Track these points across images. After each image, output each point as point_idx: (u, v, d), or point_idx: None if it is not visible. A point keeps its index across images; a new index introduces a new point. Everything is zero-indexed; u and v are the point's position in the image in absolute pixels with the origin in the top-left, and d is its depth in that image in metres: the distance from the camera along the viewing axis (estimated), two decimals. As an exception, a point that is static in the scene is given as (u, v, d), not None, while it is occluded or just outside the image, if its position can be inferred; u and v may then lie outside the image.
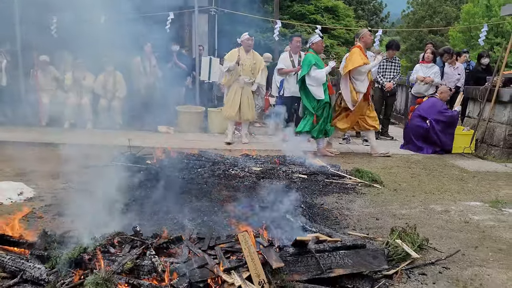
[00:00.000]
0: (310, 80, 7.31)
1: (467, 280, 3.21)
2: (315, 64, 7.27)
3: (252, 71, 8.21)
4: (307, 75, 7.31)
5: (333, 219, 4.41)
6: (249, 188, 5.27)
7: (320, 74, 7.23)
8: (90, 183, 5.25)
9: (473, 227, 4.35)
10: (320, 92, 7.30)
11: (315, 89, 7.31)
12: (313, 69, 7.26)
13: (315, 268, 3.02)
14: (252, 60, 8.19)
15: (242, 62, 8.05)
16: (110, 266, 2.90)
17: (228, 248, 3.09)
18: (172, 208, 4.25)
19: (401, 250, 3.44)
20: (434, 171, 6.72)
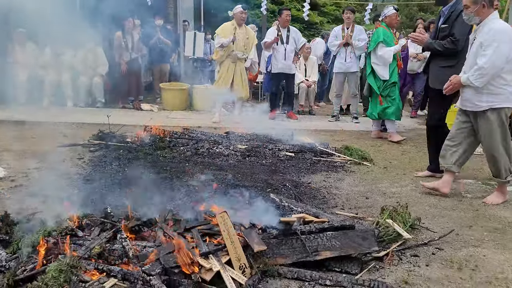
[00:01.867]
0: (375, 58, 6.77)
1: (462, 261, 3.02)
2: (384, 41, 6.66)
3: (245, 46, 7.82)
4: (373, 52, 6.78)
5: (320, 198, 4.20)
6: (233, 166, 5.03)
7: (387, 54, 6.63)
8: (65, 162, 5.00)
9: (466, 205, 4.17)
10: (385, 72, 6.74)
11: (380, 69, 6.76)
12: (380, 47, 6.69)
13: (300, 251, 2.82)
14: (244, 34, 7.79)
15: (235, 38, 7.65)
16: (77, 251, 2.66)
17: (206, 230, 2.85)
18: (150, 188, 4.00)
19: (392, 231, 3.24)
20: (424, 149, 6.48)
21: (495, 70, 3.88)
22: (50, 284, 2.38)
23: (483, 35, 3.96)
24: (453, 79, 4.19)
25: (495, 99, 4.02)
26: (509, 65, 3.95)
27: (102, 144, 5.73)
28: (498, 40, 3.86)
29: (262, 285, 2.64)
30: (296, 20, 15.12)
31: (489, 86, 3.99)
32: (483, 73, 3.91)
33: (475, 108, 4.11)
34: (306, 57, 9.62)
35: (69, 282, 2.43)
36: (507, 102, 4.04)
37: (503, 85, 3.99)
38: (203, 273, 2.53)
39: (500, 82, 3.98)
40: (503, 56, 3.86)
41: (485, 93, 4.02)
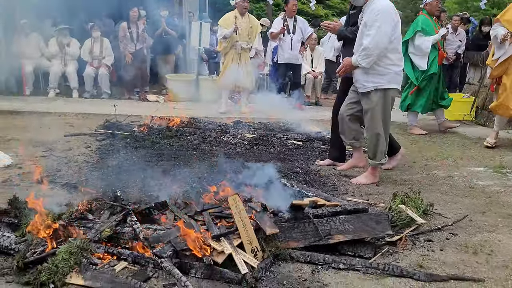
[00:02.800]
0: (412, 48, 6.43)
1: (476, 246, 2.96)
2: (422, 30, 6.31)
3: (248, 35, 7.72)
4: (410, 41, 6.42)
5: (330, 186, 4.15)
6: (241, 154, 4.99)
7: (425, 44, 6.27)
8: (72, 150, 4.98)
9: (478, 192, 4.11)
10: (422, 62, 6.39)
11: (417, 59, 6.42)
12: (417, 36, 6.33)
13: (313, 234, 2.77)
14: (248, 24, 7.69)
15: (238, 26, 7.56)
16: (87, 233, 2.63)
17: (217, 213, 2.81)
18: (159, 174, 3.97)
19: (405, 216, 3.19)
20: (434, 138, 6.47)
21: (379, 50, 3.84)
22: (60, 266, 2.35)
23: (367, 15, 3.92)
24: (345, 61, 4.17)
25: (380, 80, 3.99)
26: (393, 45, 3.92)
27: (109, 133, 5.70)
28: (380, 20, 3.81)
29: (274, 268, 2.60)
30: (301, 13, 14.99)
31: (375, 67, 3.95)
32: (368, 53, 3.86)
33: (363, 89, 4.08)
34: (313, 48, 9.54)
35: (79, 264, 2.41)
36: (392, 83, 4.02)
37: (389, 65, 3.96)
38: (214, 255, 2.49)
39: (386, 62, 3.95)
40: (386, 35, 3.82)
41: (372, 73, 3.98)
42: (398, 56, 4.01)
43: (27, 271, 2.41)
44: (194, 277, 2.46)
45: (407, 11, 34.05)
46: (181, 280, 2.32)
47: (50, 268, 2.34)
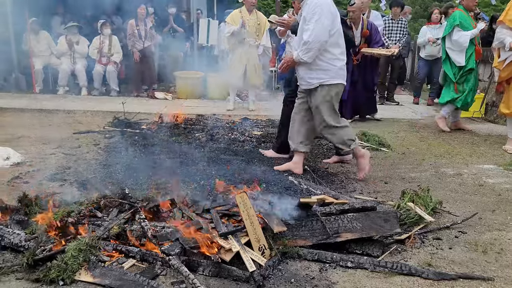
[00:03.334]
0: (450, 43, 6.30)
1: (486, 244, 2.94)
2: (460, 25, 6.18)
3: (256, 32, 7.68)
4: (448, 37, 6.32)
5: (338, 183, 4.13)
6: (249, 152, 4.98)
7: (463, 38, 6.14)
8: (81, 148, 5.01)
9: (488, 190, 4.07)
10: (460, 58, 6.26)
11: (454, 54, 6.29)
12: (455, 31, 6.21)
13: (320, 232, 2.77)
14: (255, 20, 7.65)
15: (245, 23, 7.52)
16: (95, 231, 2.65)
17: (225, 211, 2.82)
18: (167, 172, 3.98)
19: (414, 214, 3.17)
20: (443, 135, 6.41)
21: (319, 43, 3.80)
22: (69, 263, 2.37)
23: (305, 10, 3.88)
24: (286, 57, 4.14)
25: (324, 75, 3.95)
26: (334, 38, 3.88)
27: (118, 131, 5.72)
28: (318, 13, 3.76)
29: (282, 266, 2.60)
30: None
31: (318, 62, 3.91)
32: (309, 48, 3.81)
33: (308, 85, 4.04)
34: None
35: (88, 261, 2.42)
36: (336, 78, 3.98)
37: (331, 60, 3.93)
38: (222, 253, 2.50)
39: (328, 56, 3.92)
40: (325, 28, 3.77)
41: (315, 69, 3.94)
42: (340, 50, 3.96)
43: (37, 268, 2.43)
44: (202, 274, 2.48)
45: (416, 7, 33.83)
46: (189, 277, 2.33)
47: (60, 265, 2.36)
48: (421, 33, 8.98)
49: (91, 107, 7.60)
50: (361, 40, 6.76)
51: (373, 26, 6.87)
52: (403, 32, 8.82)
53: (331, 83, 3.96)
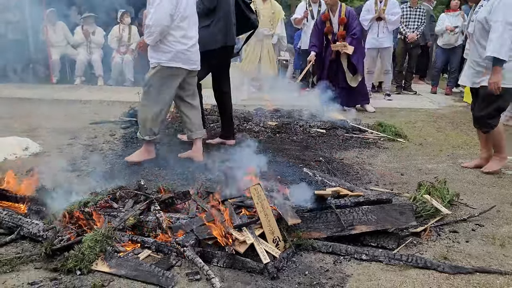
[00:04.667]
0: None
1: (504, 237, 2.90)
2: None
3: (271, 22, 7.60)
4: None
5: (354, 174, 4.11)
6: (264, 143, 4.98)
7: None
8: (97, 138, 5.06)
9: (507, 182, 4.00)
10: None
11: None
12: None
13: (335, 225, 2.76)
14: (270, 10, 7.57)
15: (259, 12, 7.45)
16: (111, 222, 2.68)
17: (239, 203, 2.82)
18: (181, 164, 4.00)
19: (430, 206, 3.14)
20: (461, 125, 6.32)
21: (160, 27, 3.77)
22: (86, 253, 2.41)
23: None
24: (139, 41, 4.19)
25: (162, 57, 3.92)
26: (176, 22, 3.83)
27: (134, 121, 5.76)
28: None
29: (296, 258, 2.60)
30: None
31: (160, 44, 3.88)
32: (151, 31, 3.80)
33: (151, 64, 4.03)
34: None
35: (105, 252, 2.46)
36: (174, 61, 3.93)
37: (171, 42, 3.89)
38: (236, 245, 2.50)
39: (169, 39, 3.89)
40: (166, 13, 3.73)
41: (157, 50, 3.92)
42: (181, 33, 3.92)
43: (55, 258, 2.48)
44: (216, 266, 2.49)
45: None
46: (204, 268, 2.35)
47: (77, 256, 2.40)
48: (439, 21, 8.79)
49: (108, 97, 7.66)
50: (339, 27, 6.75)
51: (351, 14, 6.82)
52: (421, 21, 8.64)
53: (167, 66, 3.96)
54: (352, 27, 6.72)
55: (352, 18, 6.75)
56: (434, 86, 9.23)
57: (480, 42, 3.95)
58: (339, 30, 6.73)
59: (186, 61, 3.99)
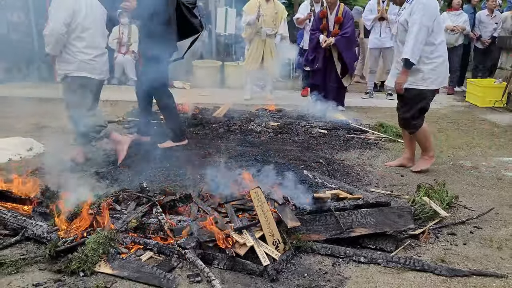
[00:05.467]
0: None
1: (502, 240, 2.93)
2: None
3: (274, 21, 7.64)
4: None
5: (354, 176, 4.14)
6: (265, 143, 5.02)
7: None
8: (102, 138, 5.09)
9: (506, 184, 4.03)
10: None
11: None
12: None
13: (334, 227, 2.80)
14: (273, 9, 7.60)
15: (263, 12, 7.48)
16: (114, 224, 2.73)
17: (239, 205, 2.87)
18: (184, 164, 4.04)
19: (429, 208, 3.17)
20: (462, 126, 6.33)
21: (55, 36, 3.86)
22: (90, 255, 2.46)
23: None
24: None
25: (68, 67, 4.04)
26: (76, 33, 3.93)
27: (136, 121, 5.81)
28: (55, 7, 3.89)
29: (295, 260, 2.64)
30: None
31: (64, 55, 4.00)
32: (47, 41, 3.93)
33: (58, 77, 4.17)
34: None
35: (108, 253, 2.51)
36: (80, 71, 4.03)
37: (74, 53, 3.99)
38: (237, 247, 2.55)
39: (72, 49, 3.99)
40: (60, 22, 3.84)
41: (62, 61, 4.04)
42: (83, 44, 4.00)
43: (59, 259, 2.53)
44: (217, 268, 2.54)
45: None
46: (204, 271, 2.40)
47: (80, 257, 2.45)
48: (441, 20, 8.79)
49: (111, 97, 7.69)
50: (334, 26, 6.82)
51: (347, 14, 6.88)
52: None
53: (75, 75, 4.06)
54: (345, 27, 6.77)
55: (347, 18, 6.81)
56: (436, 85, 9.22)
57: (403, 44, 4.02)
58: (334, 28, 6.79)
59: (91, 71, 4.11)
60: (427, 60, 3.96)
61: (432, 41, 3.95)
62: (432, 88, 4.07)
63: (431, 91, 4.08)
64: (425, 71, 3.97)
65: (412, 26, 3.86)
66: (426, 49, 3.94)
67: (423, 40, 3.86)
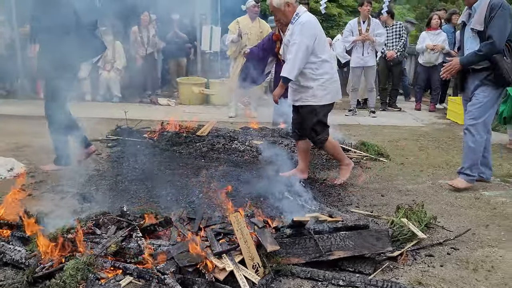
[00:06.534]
0: None
1: (477, 261, 2.99)
2: None
3: (259, 40, 7.74)
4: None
5: (335, 196, 4.19)
6: (249, 163, 5.05)
7: None
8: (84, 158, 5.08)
9: (483, 203, 4.11)
10: None
11: None
12: None
13: (313, 250, 2.83)
14: (258, 28, 7.70)
15: (248, 31, 7.58)
16: (94, 249, 2.72)
17: (220, 229, 2.89)
18: (166, 185, 4.05)
19: (407, 230, 3.22)
20: (443, 144, 6.45)
21: None
22: (68, 281, 2.44)
23: None
24: None
25: None
26: None
27: (120, 139, 5.81)
28: None
29: (275, 284, 2.66)
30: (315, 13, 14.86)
31: None
32: None
33: None
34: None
35: (86, 279, 2.50)
36: None
37: None
38: (216, 272, 2.56)
39: None
40: None
41: None
42: None
43: (37, 286, 2.52)
44: (196, 293, 2.54)
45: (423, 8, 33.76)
46: (183, 296, 2.40)
47: (58, 284, 2.44)
48: (420, 39, 9.00)
49: (95, 114, 7.67)
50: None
51: None
52: (399, 37, 8.80)
53: None
54: None
55: None
56: (418, 102, 9.39)
57: None
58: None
59: None
60: (314, 77, 4.13)
61: (315, 60, 4.10)
62: (322, 103, 4.23)
63: (322, 106, 4.23)
64: (314, 88, 4.14)
65: (292, 45, 4.02)
66: (312, 67, 4.11)
67: (304, 58, 4.02)
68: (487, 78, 4.14)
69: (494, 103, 4.29)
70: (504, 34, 3.98)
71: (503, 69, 3.99)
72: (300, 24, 4.01)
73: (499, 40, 3.95)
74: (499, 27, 3.95)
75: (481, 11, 4.02)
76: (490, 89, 4.18)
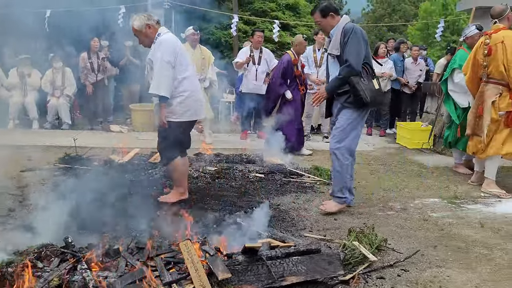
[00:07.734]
0: (452, 85, 6.12)
1: (426, 282, 3.05)
2: (460, 67, 5.85)
3: (202, 66, 7.77)
4: (450, 78, 6.14)
5: (289, 221, 4.19)
6: (202, 189, 4.99)
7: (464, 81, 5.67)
8: (28, 187, 4.87)
9: (431, 225, 4.23)
10: (463, 100, 5.96)
11: (457, 96, 6.05)
12: (456, 73, 6.02)
13: (266, 276, 2.79)
14: (200, 55, 7.75)
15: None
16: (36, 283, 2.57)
17: (170, 258, 2.80)
18: (114, 214, 3.91)
19: (359, 253, 3.25)
20: (393, 167, 6.64)
21: None
22: (4, 320, 2.28)
23: None
24: None
25: None
26: None
27: (68, 168, 5.61)
28: None
29: (227, 313, 2.60)
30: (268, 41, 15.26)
31: None
32: None
33: None
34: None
35: (25, 317, 2.34)
36: None
37: None
38: (166, 303, 2.47)
39: None
40: None
41: None
42: None
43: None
44: (144, 326, 2.44)
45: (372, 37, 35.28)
46: (130, 331, 2.29)
47: (-6, 323, 2.27)
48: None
49: (43, 142, 7.41)
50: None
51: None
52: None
53: None
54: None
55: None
56: (369, 127, 9.67)
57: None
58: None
59: None
60: (175, 94, 4.22)
61: (176, 76, 4.21)
62: (181, 120, 4.31)
63: (179, 123, 4.30)
64: (174, 104, 4.23)
65: (155, 63, 4.14)
66: (173, 84, 4.20)
67: (169, 74, 4.12)
68: (347, 101, 4.31)
69: (357, 125, 4.42)
70: (359, 56, 4.19)
71: (360, 90, 4.17)
72: (160, 42, 4.12)
73: (356, 62, 4.15)
74: (354, 50, 4.16)
75: (336, 37, 4.25)
76: (351, 111, 4.34)
